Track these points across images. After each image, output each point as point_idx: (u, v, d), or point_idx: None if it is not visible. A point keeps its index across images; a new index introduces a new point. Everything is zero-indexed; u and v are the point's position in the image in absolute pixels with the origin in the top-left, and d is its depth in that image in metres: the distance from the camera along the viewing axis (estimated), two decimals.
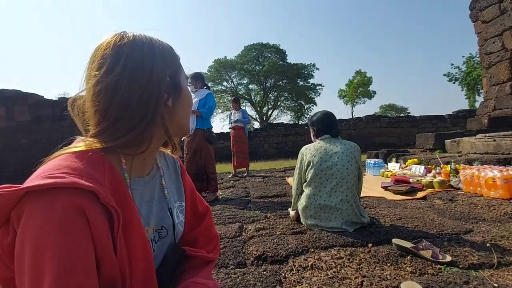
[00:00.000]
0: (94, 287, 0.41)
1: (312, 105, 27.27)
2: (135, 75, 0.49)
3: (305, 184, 1.89)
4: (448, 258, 1.27)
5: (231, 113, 5.51)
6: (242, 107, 7.42)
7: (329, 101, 60.35)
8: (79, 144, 0.50)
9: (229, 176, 5.18)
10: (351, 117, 15.63)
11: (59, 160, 0.46)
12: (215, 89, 25.60)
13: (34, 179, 0.40)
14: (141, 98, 0.49)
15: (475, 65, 19.93)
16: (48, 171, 0.42)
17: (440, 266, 1.23)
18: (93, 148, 0.48)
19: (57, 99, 9.08)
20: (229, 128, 5.44)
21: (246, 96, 26.74)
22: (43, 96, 9.17)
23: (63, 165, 0.44)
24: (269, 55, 26.56)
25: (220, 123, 29.68)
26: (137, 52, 0.51)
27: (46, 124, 8.51)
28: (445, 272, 1.19)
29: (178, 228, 0.62)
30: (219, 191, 3.47)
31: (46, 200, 0.39)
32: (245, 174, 5.27)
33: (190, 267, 0.63)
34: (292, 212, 2.06)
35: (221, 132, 11.30)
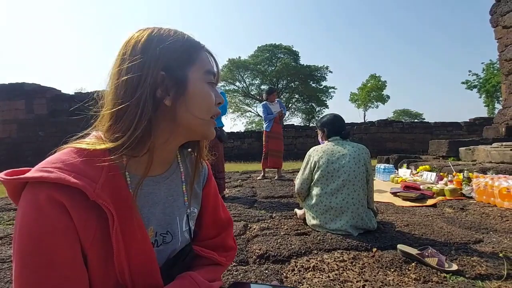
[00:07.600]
0: (76, 274, 0.42)
1: (324, 108, 27.05)
2: (130, 74, 0.47)
3: (312, 184, 1.89)
4: (454, 267, 1.25)
5: (266, 106, 4.51)
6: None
7: (339, 104, 59.73)
8: (86, 139, 0.50)
9: (259, 178, 4.65)
10: (363, 121, 15.34)
11: (61, 153, 0.47)
12: (227, 88, 25.72)
13: (32, 171, 0.42)
14: (134, 97, 0.47)
15: (495, 71, 19.28)
16: (45, 163, 0.44)
17: (445, 275, 1.21)
18: (95, 146, 0.47)
19: (73, 93, 9.37)
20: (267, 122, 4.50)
21: (257, 97, 26.75)
22: (60, 91, 9.49)
23: (60, 159, 0.44)
24: (281, 56, 26.44)
25: (230, 123, 29.78)
26: (136, 49, 0.48)
27: (63, 117, 8.80)
28: (450, 281, 1.17)
29: (184, 236, 0.59)
30: (226, 189, 3.50)
31: (32, 192, 0.41)
32: (276, 177, 4.59)
33: (197, 265, 0.62)
34: (299, 212, 2.07)
35: (231, 132, 11.40)
